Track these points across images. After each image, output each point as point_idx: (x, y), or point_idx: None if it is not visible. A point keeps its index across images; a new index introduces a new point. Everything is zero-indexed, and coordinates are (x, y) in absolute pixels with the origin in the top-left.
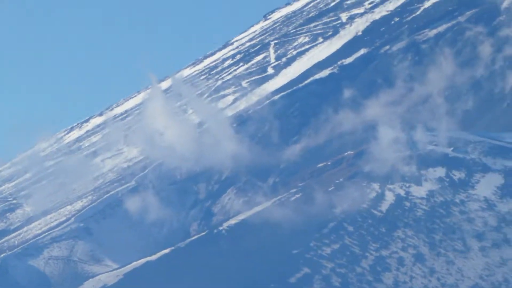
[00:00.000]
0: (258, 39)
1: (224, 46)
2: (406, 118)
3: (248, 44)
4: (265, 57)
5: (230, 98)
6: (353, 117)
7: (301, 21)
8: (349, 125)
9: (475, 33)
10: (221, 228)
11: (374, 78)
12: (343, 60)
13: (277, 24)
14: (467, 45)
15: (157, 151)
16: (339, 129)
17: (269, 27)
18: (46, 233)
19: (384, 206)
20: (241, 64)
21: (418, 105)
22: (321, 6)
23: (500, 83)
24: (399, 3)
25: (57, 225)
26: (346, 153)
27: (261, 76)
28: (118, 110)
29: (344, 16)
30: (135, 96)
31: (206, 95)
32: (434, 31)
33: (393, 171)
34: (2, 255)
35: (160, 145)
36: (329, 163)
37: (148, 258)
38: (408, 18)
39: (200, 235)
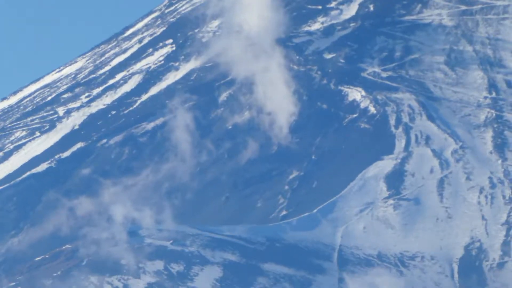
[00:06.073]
0: None
1: None
2: (124, 213)
3: None
4: None
5: None
6: (70, 213)
7: (17, 115)
8: (68, 220)
9: (191, 125)
10: None
11: (90, 173)
12: (61, 154)
13: None
14: (185, 136)
15: None
16: (58, 224)
17: None
18: None
19: None
20: None
21: (138, 199)
22: (37, 100)
23: (220, 174)
24: (116, 97)
25: None
26: (64, 247)
27: None
28: None
29: (61, 110)
30: None
31: None
32: (152, 124)
33: (111, 264)
34: None
35: None
36: (47, 256)
37: None
38: (125, 112)
39: None
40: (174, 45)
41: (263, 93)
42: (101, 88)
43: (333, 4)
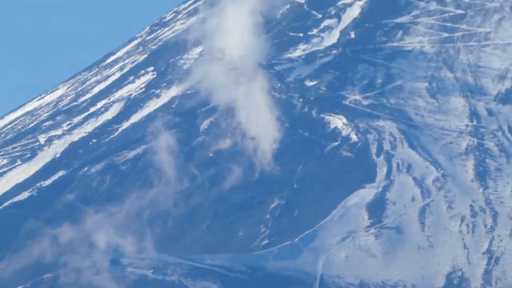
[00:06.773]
0: None
1: None
2: (105, 242)
3: None
4: None
5: None
6: (52, 241)
7: None
8: (49, 249)
9: (173, 152)
10: None
11: (72, 201)
12: (42, 183)
13: None
14: (166, 163)
15: None
16: (39, 252)
17: None
18: None
19: None
20: None
21: (119, 227)
22: (19, 127)
23: (202, 202)
24: (97, 125)
25: None
26: (45, 276)
27: None
28: None
29: (42, 138)
30: None
31: None
32: (133, 152)
33: None
34: None
35: None
36: (28, 285)
37: None
38: (106, 139)
39: None
40: (155, 72)
41: (245, 120)
42: (82, 116)
43: (314, 32)
